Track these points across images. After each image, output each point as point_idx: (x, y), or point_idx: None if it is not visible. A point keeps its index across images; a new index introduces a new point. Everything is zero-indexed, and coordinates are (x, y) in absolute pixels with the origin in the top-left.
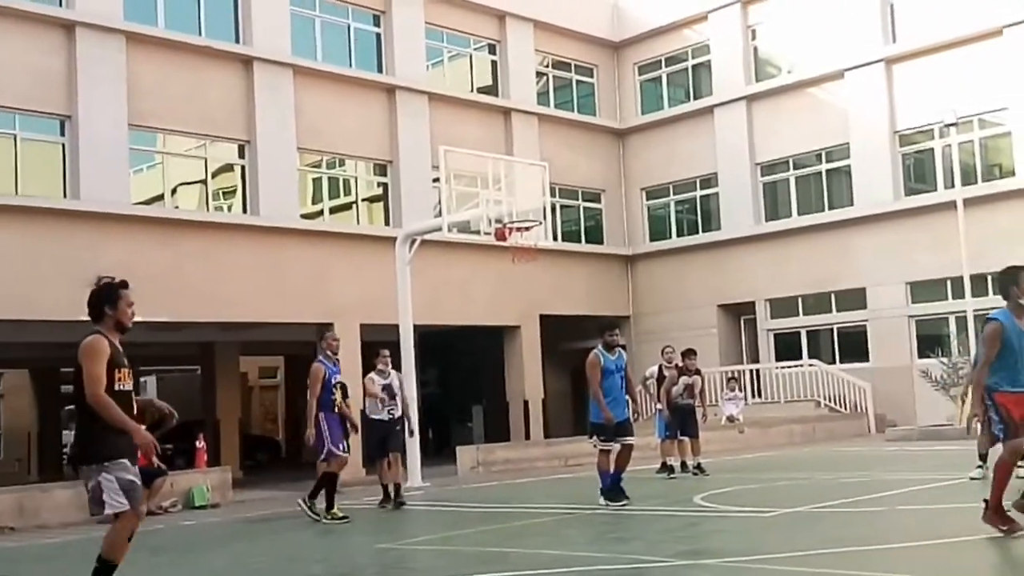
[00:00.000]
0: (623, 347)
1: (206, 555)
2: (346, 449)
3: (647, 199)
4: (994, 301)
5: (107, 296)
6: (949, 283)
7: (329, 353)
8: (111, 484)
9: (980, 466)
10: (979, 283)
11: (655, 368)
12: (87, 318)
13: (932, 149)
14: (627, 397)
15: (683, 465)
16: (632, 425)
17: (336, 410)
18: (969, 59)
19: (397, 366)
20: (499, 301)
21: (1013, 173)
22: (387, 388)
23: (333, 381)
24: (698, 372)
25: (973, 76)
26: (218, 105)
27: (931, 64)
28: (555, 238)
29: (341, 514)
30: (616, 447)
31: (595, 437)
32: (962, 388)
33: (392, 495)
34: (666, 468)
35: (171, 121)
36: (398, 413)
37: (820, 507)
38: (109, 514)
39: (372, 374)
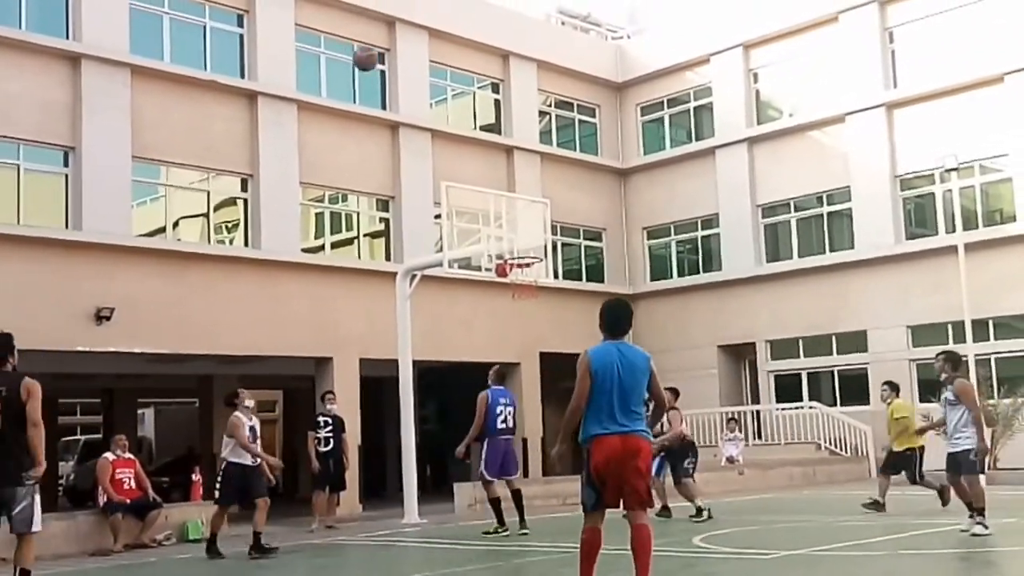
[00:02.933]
0: None
1: None
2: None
3: (648, 239)
4: (994, 346)
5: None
6: (950, 327)
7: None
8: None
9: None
10: (980, 328)
11: None
12: (87, 348)
13: (933, 194)
14: None
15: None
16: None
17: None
18: (970, 105)
19: (393, 402)
20: (499, 338)
21: (1014, 219)
22: (252, 430)
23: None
24: (672, 408)
25: (974, 122)
26: (222, 139)
27: (932, 109)
28: (556, 276)
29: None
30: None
31: None
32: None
33: (254, 543)
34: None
35: (175, 154)
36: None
37: (819, 550)
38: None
39: (238, 412)
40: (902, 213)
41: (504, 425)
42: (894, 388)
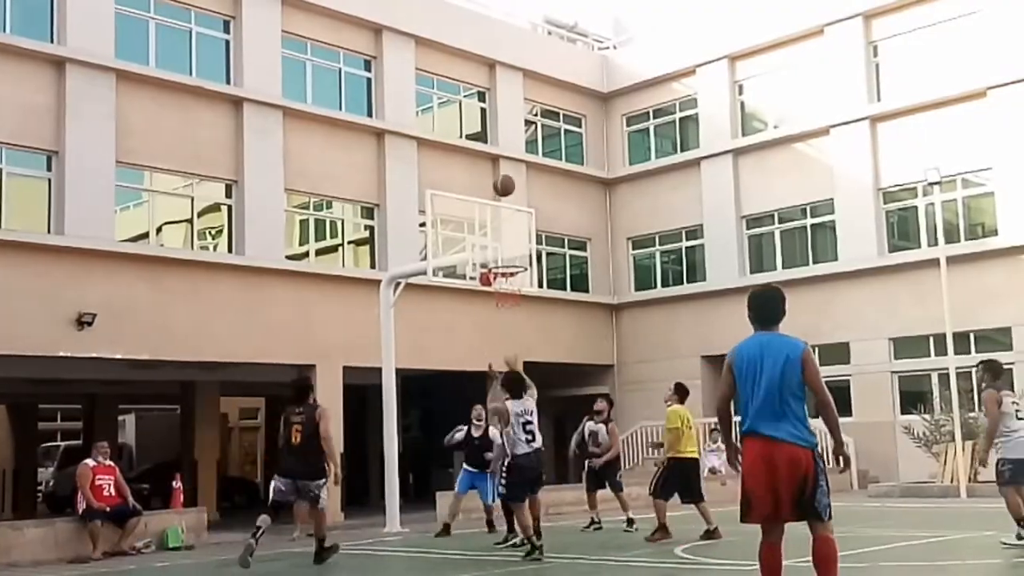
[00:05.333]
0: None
1: None
2: None
3: (633, 248)
4: (976, 359)
5: None
6: (932, 340)
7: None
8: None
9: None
10: (962, 341)
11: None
12: (68, 354)
13: (916, 207)
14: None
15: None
16: None
17: None
18: (953, 119)
19: (377, 410)
20: (483, 347)
21: (996, 232)
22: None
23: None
24: (606, 421)
25: (957, 136)
26: (207, 145)
27: (915, 123)
28: (540, 285)
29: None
30: None
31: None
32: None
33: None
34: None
35: (159, 159)
36: None
37: (800, 562)
38: None
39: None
40: (885, 226)
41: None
42: (678, 391)
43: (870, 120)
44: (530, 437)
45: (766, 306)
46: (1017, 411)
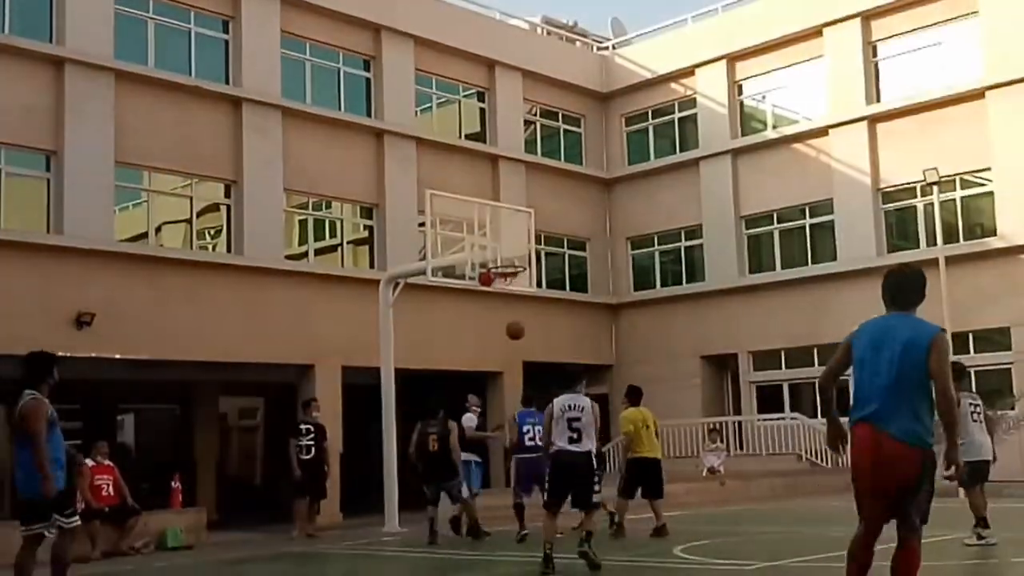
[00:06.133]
0: None
1: None
2: None
3: (632, 248)
4: (974, 359)
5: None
6: None
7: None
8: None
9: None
10: (961, 341)
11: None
12: (67, 354)
13: (915, 207)
14: None
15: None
16: None
17: None
18: (952, 120)
19: (376, 410)
20: (482, 347)
21: (995, 232)
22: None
23: None
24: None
25: (956, 136)
26: (206, 144)
27: (914, 123)
28: (539, 285)
29: None
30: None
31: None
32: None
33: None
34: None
35: (158, 159)
36: None
37: (800, 561)
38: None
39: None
40: (884, 226)
41: (533, 443)
42: (629, 395)
43: (869, 120)
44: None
45: (903, 288)
46: (973, 412)
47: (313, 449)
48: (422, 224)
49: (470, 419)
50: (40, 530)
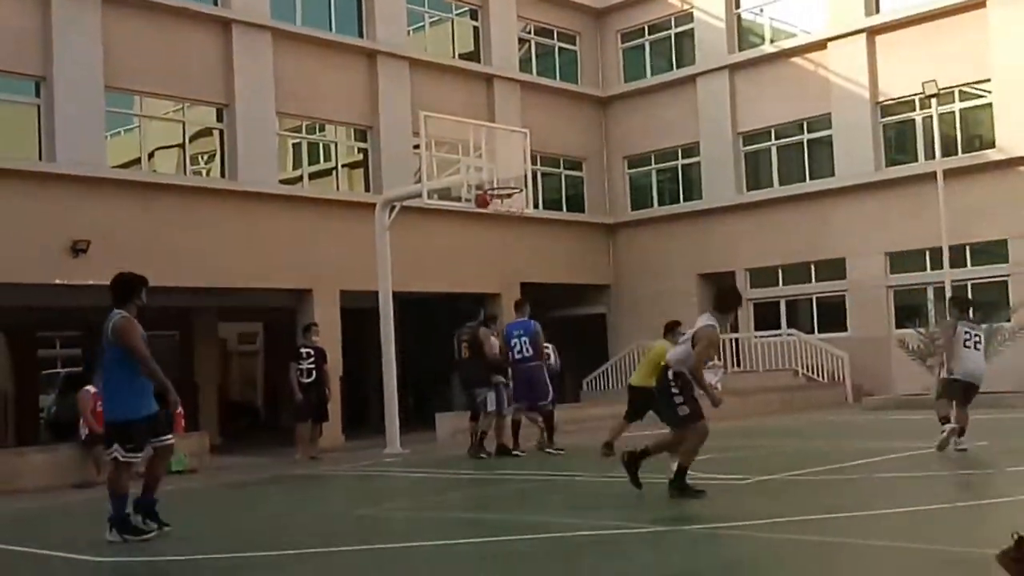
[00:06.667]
0: None
1: (184, 519)
2: None
3: (629, 168)
4: (971, 272)
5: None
6: (928, 254)
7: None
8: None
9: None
10: (958, 254)
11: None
12: (64, 281)
13: (913, 120)
14: None
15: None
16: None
17: None
18: (951, 30)
19: (375, 332)
20: (480, 268)
21: (993, 144)
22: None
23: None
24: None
25: (955, 48)
26: (196, 68)
27: (913, 35)
28: (536, 206)
29: None
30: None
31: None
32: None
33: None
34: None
35: (148, 84)
36: None
37: (795, 475)
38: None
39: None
40: (882, 140)
41: (521, 355)
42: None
43: (868, 32)
44: None
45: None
46: (965, 340)
47: (314, 372)
48: (417, 146)
49: (493, 344)
50: (131, 458)
